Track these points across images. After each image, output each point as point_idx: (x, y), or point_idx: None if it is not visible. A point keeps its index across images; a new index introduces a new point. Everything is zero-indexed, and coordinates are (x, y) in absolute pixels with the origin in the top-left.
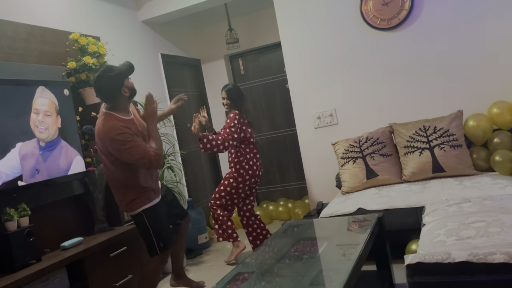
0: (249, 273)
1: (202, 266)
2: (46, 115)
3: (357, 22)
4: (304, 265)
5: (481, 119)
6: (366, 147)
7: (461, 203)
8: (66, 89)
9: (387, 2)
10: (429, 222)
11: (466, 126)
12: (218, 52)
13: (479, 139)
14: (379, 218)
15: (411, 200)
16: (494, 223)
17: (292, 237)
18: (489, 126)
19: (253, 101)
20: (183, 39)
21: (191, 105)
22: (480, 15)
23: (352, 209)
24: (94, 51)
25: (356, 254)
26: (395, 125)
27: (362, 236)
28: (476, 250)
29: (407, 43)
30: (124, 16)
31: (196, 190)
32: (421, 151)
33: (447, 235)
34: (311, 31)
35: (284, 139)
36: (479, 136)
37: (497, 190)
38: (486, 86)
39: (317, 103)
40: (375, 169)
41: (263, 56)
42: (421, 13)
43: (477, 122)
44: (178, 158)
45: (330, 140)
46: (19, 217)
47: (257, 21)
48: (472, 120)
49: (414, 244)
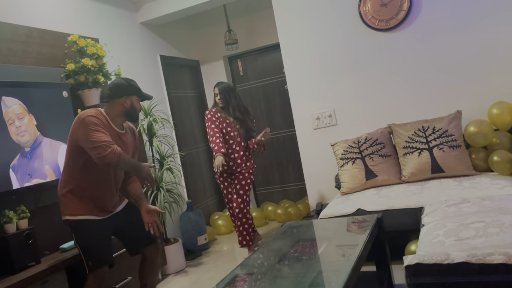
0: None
1: (202, 267)
2: (20, 119)
3: (355, 23)
4: (303, 266)
5: (482, 124)
6: (365, 147)
7: (460, 204)
8: (65, 91)
9: (385, 3)
10: (428, 222)
11: (466, 131)
12: (217, 53)
13: (480, 144)
14: (378, 218)
15: (410, 200)
16: (493, 224)
17: (292, 238)
18: (491, 131)
19: (252, 102)
20: (182, 40)
21: (190, 106)
22: (479, 15)
23: (352, 210)
24: (93, 52)
25: (355, 255)
26: (394, 126)
27: (362, 236)
28: (475, 251)
29: (405, 44)
30: (123, 17)
31: (196, 192)
32: (420, 151)
33: (446, 236)
34: (310, 32)
35: (284, 140)
36: (480, 143)
37: (496, 191)
38: (485, 86)
39: (316, 104)
40: (374, 169)
41: (262, 57)
42: (420, 14)
43: (478, 127)
44: (177, 160)
45: (329, 141)
46: (18, 219)
47: (256, 22)
48: (472, 125)
49: (414, 245)
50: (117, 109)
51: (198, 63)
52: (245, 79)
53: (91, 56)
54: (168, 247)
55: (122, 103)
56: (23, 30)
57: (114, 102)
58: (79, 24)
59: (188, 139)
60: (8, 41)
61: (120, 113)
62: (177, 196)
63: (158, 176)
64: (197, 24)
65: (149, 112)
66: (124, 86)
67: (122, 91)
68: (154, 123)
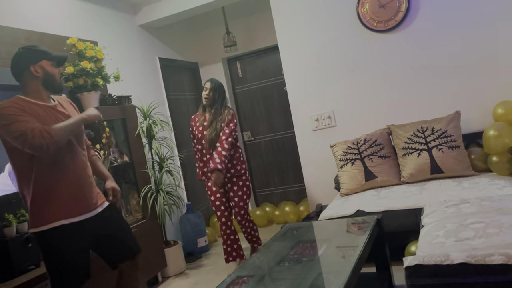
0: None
1: (202, 269)
2: None
3: (354, 24)
4: (303, 268)
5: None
6: (365, 148)
7: (460, 204)
8: (64, 94)
9: (383, 4)
10: (428, 223)
11: (485, 136)
12: (216, 56)
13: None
14: (378, 219)
15: (409, 201)
16: (492, 224)
17: (292, 239)
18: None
19: (251, 104)
20: (181, 42)
21: (189, 109)
22: (478, 16)
23: (351, 211)
24: (92, 55)
25: (355, 256)
26: (393, 127)
27: (361, 238)
28: (475, 252)
29: (404, 45)
30: (122, 20)
31: (195, 194)
32: (419, 152)
33: (446, 237)
34: (308, 33)
35: (283, 142)
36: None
37: (495, 191)
38: (484, 87)
39: (315, 105)
40: (373, 170)
41: (260, 59)
42: (418, 15)
43: (499, 131)
44: (177, 162)
45: (329, 142)
46: (17, 223)
47: (255, 24)
48: (492, 129)
49: (414, 246)
50: (32, 84)
51: (197, 65)
52: (244, 81)
53: (90, 59)
54: (168, 250)
55: (32, 74)
56: (22, 34)
57: (24, 78)
58: (78, 27)
59: (187, 141)
60: (7, 44)
61: (36, 87)
62: (177, 198)
63: (158, 179)
64: (196, 26)
65: (148, 114)
66: (25, 54)
67: (25, 61)
68: (153, 126)
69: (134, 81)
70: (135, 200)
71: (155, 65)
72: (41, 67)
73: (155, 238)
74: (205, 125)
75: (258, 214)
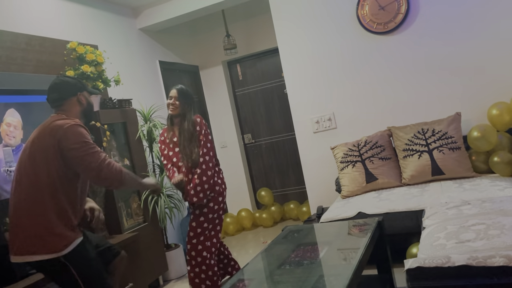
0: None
1: None
2: (16, 128)
3: (353, 26)
4: (304, 271)
5: (486, 129)
6: (365, 150)
7: (461, 206)
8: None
9: (383, 6)
10: (429, 225)
11: (470, 136)
12: (216, 58)
13: (483, 149)
14: (379, 222)
15: (411, 203)
16: (493, 226)
17: (293, 242)
18: (494, 136)
19: (251, 107)
20: (181, 46)
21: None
22: (477, 17)
23: (352, 213)
24: (92, 59)
25: (356, 259)
26: (393, 129)
27: (363, 240)
28: (476, 254)
29: (404, 47)
30: (122, 24)
31: None
32: (420, 154)
33: (447, 238)
34: (308, 36)
35: (283, 144)
36: (483, 148)
37: (496, 192)
38: (484, 87)
39: (316, 107)
40: (374, 172)
41: (261, 62)
42: (418, 17)
43: (481, 132)
44: None
45: (329, 144)
46: None
47: (255, 27)
48: (476, 130)
49: (415, 248)
50: (74, 110)
51: (197, 69)
52: (244, 84)
53: (90, 63)
54: (169, 253)
55: (77, 101)
56: (23, 38)
57: (69, 103)
58: (78, 31)
59: None
60: (7, 49)
61: (77, 114)
62: (178, 201)
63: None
64: (196, 29)
65: (149, 117)
66: (72, 82)
67: (73, 88)
68: (153, 129)
69: (134, 85)
70: (136, 204)
71: (155, 68)
72: (85, 97)
73: (156, 242)
74: (175, 141)
75: (265, 218)
